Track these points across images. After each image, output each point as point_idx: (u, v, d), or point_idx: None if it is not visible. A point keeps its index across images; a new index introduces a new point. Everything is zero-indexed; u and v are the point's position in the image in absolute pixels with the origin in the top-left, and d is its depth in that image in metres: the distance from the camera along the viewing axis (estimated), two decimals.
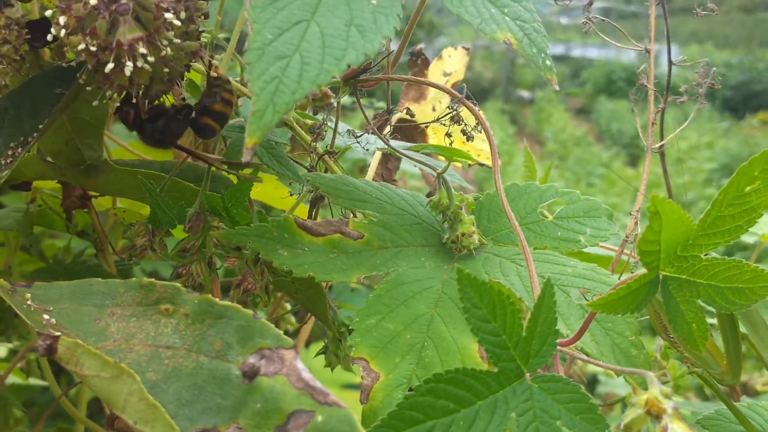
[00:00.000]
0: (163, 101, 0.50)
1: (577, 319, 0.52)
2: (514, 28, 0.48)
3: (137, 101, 0.47)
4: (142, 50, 0.42)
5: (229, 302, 0.42)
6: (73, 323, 0.42)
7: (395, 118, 0.89)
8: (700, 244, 0.42)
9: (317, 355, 0.66)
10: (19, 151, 0.48)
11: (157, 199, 0.55)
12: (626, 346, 0.52)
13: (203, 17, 0.49)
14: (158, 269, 1.13)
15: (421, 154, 0.70)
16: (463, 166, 0.79)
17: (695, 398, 1.57)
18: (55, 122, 0.51)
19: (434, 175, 0.70)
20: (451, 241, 0.57)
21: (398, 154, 0.65)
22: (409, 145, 0.74)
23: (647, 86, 0.68)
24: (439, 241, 0.59)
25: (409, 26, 0.59)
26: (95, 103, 0.47)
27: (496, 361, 0.42)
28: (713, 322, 0.54)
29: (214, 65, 0.52)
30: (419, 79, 0.64)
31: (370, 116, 0.73)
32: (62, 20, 0.41)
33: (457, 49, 0.94)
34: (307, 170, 0.67)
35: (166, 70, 0.45)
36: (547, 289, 0.42)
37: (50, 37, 0.43)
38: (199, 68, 0.59)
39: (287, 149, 0.74)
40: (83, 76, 0.47)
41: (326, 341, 0.66)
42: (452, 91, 0.59)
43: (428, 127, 0.90)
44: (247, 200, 0.55)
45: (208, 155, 0.58)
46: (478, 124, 0.61)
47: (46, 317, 0.42)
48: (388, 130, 0.87)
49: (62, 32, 0.42)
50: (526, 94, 15.07)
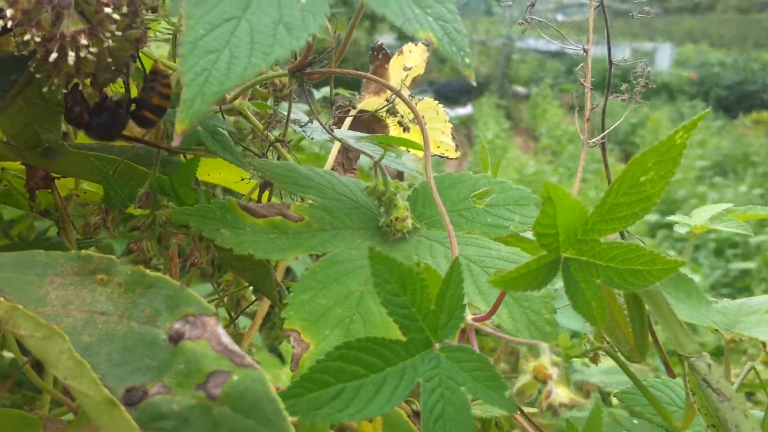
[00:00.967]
0: (108, 96, 0.54)
1: (496, 296, 0.56)
2: (435, 27, 0.51)
3: (82, 94, 0.50)
4: (84, 41, 0.46)
5: (159, 273, 0.46)
6: (16, 290, 0.46)
7: (355, 110, 0.92)
8: (598, 229, 0.46)
9: (262, 328, 0.69)
10: None
11: (109, 180, 0.59)
12: (541, 323, 0.56)
13: (150, 11, 0.53)
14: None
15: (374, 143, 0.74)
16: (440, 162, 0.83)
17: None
18: (10, 107, 0.54)
19: (391, 166, 0.74)
20: (385, 224, 0.61)
21: (342, 143, 0.69)
22: (360, 135, 0.77)
23: (585, 84, 0.71)
24: (375, 224, 0.62)
25: (351, 23, 0.63)
26: (45, 89, 0.51)
27: (405, 331, 0.46)
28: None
29: (154, 59, 0.56)
30: (360, 73, 0.67)
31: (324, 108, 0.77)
32: (9, 13, 0.45)
33: (417, 44, 0.98)
34: (258, 157, 0.71)
35: (110, 60, 0.48)
36: (455, 266, 0.45)
37: (0, 27, 0.46)
38: (150, 54, 0.62)
39: (249, 137, 0.78)
40: (33, 64, 0.50)
41: (273, 317, 0.70)
42: (389, 85, 0.63)
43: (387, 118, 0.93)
44: (192, 181, 0.59)
45: (156, 142, 0.61)
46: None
47: None
48: (348, 121, 0.91)
49: (9, 23, 0.45)
50: (521, 89, 15.10)
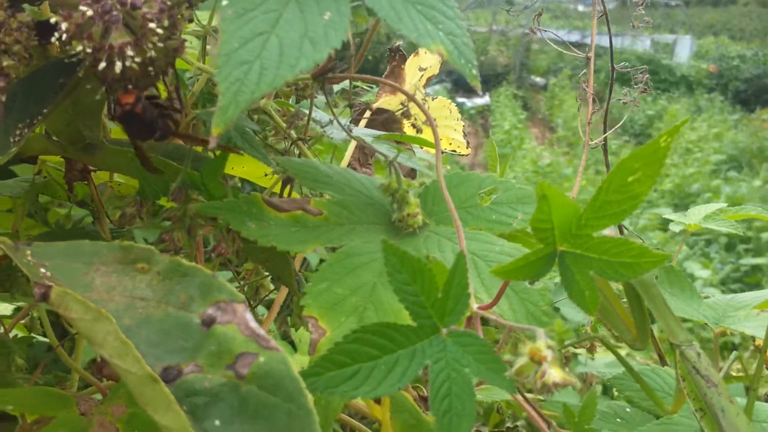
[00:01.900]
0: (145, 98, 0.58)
1: (498, 289, 0.60)
2: (446, 41, 0.56)
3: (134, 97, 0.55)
4: (129, 52, 0.51)
5: (193, 263, 0.51)
6: (65, 276, 0.51)
7: (374, 106, 0.97)
8: (591, 224, 0.50)
9: (281, 315, 0.74)
10: (26, 131, 0.56)
11: (144, 174, 0.64)
12: (539, 314, 0.60)
13: (188, 21, 0.58)
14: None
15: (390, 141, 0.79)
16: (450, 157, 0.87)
17: None
18: (57, 107, 0.59)
19: (404, 164, 0.78)
20: (398, 220, 0.66)
21: (359, 142, 0.74)
22: (377, 133, 0.82)
23: (587, 89, 0.76)
24: (388, 220, 0.67)
25: (368, 36, 0.68)
26: (98, 97, 0.56)
27: (415, 317, 0.51)
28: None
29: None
30: (377, 78, 0.72)
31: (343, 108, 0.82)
32: (64, 26, 0.50)
33: None
34: (281, 154, 0.76)
35: (150, 68, 0.53)
36: (460, 258, 0.50)
37: (54, 39, 0.51)
38: (187, 59, 0.67)
39: (271, 134, 0.83)
40: (82, 70, 0.56)
41: (292, 306, 0.75)
42: (404, 90, 0.67)
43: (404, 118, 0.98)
44: (221, 176, 0.63)
45: (196, 136, 0.65)
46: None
47: (42, 270, 0.50)
48: (364, 121, 0.96)
49: (64, 36, 0.50)
50: (539, 80, 15.07)
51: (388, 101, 0.98)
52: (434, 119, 0.66)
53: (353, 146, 0.94)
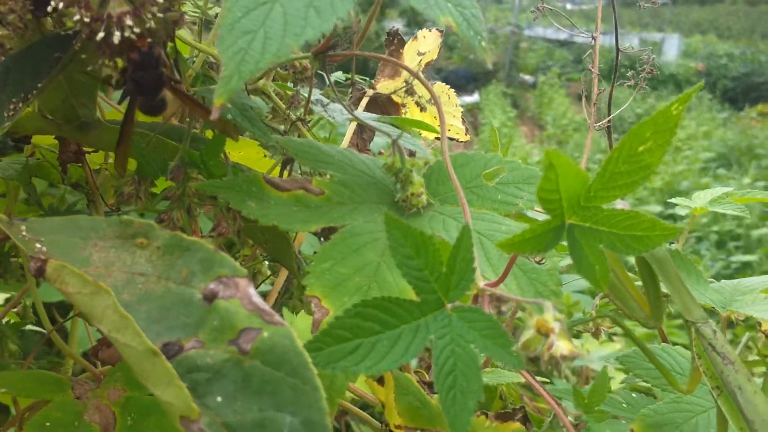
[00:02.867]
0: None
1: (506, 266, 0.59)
2: (455, 13, 0.54)
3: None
4: (128, 22, 0.49)
5: (194, 238, 0.49)
6: (61, 252, 0.49)
7: (371, 92, 0.96)
8: (600, 196, 0.49)
9: (282, 298, 0.73)
10: (20, 105, 0.55)
11: (143, 152, 0.63)
12: (547, 293, 0.59)
13: None
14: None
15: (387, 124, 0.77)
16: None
17: None
18: (52, 82, 0.58)
19: (404, 146, 0.77)
20: (402, 200, 0.65)
21: (361, 122, 0.72)
22: (377, 116, 0.81)
23: (592, 70, 0.75)
24: (392, 200, 0.66)
25: (373, 9, 0.67)
26: (90, 68, 0.54)
27: (419, 292, 0.49)
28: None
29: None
30: (380, 56, 0.70)
31: (342, 91, 0.81)
32: None
33: (431, 30, 1.01)
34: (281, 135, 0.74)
35: (149, 39, 0.52)
36: (465, 231, 0.49)
37: (50, 8, 0.50)
38: (182, 36, 0.66)
39: (269, 117, 0.82)
40: (78, 43, 0.54)
41: (292, 288, 0.73)
42: (408, 67, 0.66)
43: (402, 102, 0.97)
44: (221, 154, 0.62)
45: (199, 105, 0.63)
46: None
47: (38, 246, 0.49)
48: (363, 103, 0.95)
49: (60, 4, 0.49)
50: (528, 78, 15.09)
51: (386, 86, 0.97)
52: (439, 98, 0.65)
53: (351, 132, 0.93)
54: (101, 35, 0.49)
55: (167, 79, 0.55)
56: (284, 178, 0.64)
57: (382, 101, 0.95)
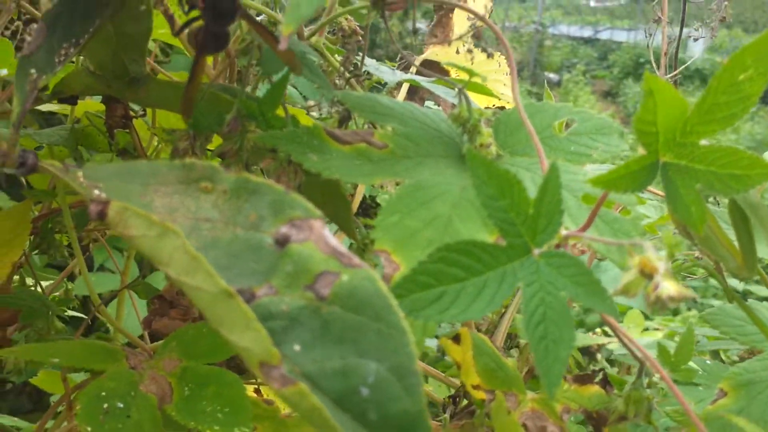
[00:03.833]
0: None
1: (585, 219, 0.55)
2: None
3: None
4: None
5: (262, 179, 0.46)
6: (120, 198, 0.46)
7: (421, 58, 0.93)
8: (698, 131, 0.45)
9: None
10: (71, 50, 0.52)
11: (197, 106, 0.60)
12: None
13: None
14: None
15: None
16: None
17: None
18: (102, 27, 0.55)
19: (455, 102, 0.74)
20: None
21: (421, 82, 0.69)
22: (431, 78, 0.78)
23: (661, 18, 0.71)
24: (458, 152, 0.62)
25: None
26: (143, 7, 0.51)
27: (505, 236, 0.46)
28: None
29: None
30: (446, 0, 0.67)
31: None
32: None
33: None
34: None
35: None
36: (552, 170, 0.45)
37: None
38: None
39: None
40: None
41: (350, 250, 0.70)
42: (473, 10, 0.63)
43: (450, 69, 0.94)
44: (280, 104, 0.59)
45: (269, 33, 0.60)
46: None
47: (96, 191, 0.46)
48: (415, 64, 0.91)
49: None
50: (553, 76, 15.04)
51: (436, 52, 0.93)
52: (508, 44, 0.62)
53: (402, 96, 0.90)
54: None
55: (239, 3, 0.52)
56: (347, 130, 0.60)
57: (430, 68, 0.92)
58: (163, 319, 0.70)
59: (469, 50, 0.74)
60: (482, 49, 0.69)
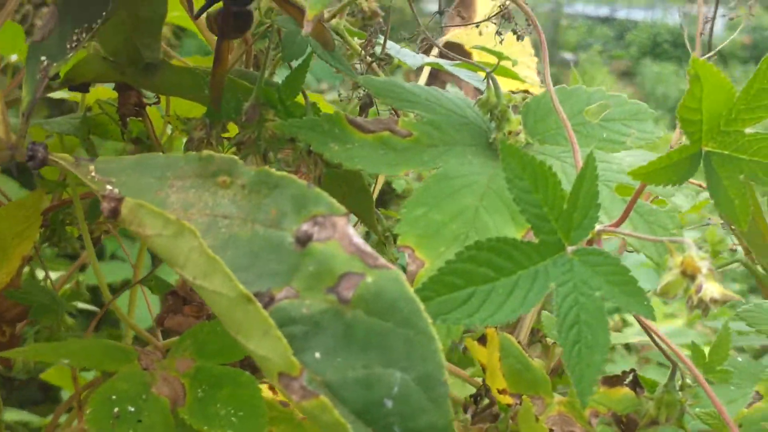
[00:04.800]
0: None
1: (619, 211, 0.53)
2: None
3: None
4: None
5: (284, 173, 0.44)
6: (134, 193, 0.44)
7: (443, 39, 0.90)
8: (743, 118, 0.43)
9: None
10: (83, 36, 0.49)
11: (214, 93, 0.57)
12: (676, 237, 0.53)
13: None
14: None
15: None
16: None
17: None
18: (116, 11, 0.53)
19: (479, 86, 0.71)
20: (497, 140, 0.59)
21: (445, 66, 0.67)
22: (454, 62, 0.75)
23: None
24: (486, 140, 0.60)
25: None
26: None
27: (537, 232, 0.44)
28: None
29: None
30: None
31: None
32: None
33: None
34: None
35: None
36: (589, 161, 0.43)
37: None
38: None
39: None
40: None
41: (371, 244, 0.68)
42: None
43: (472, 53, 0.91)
44: (300, 91, 0.57)
45: (297, 7, 0.58)
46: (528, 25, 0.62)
47: (108, 187, 0.44)
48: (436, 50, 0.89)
49: None
50: (569, 56, 14.95)
51: (458, 35, 0.91)
52: (538, 24, 0.59)
53: (423, 80, 0.88)
54: None
55: None
56: (369, 119, 0.58)
57: (452, 51, 0.89)
58: (177, 316, 0.68)
59: (498, 32, 0.71)
60: (513, 30, 0.67)
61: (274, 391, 0.66)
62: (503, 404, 0.59)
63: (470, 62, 0.66)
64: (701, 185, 0.75)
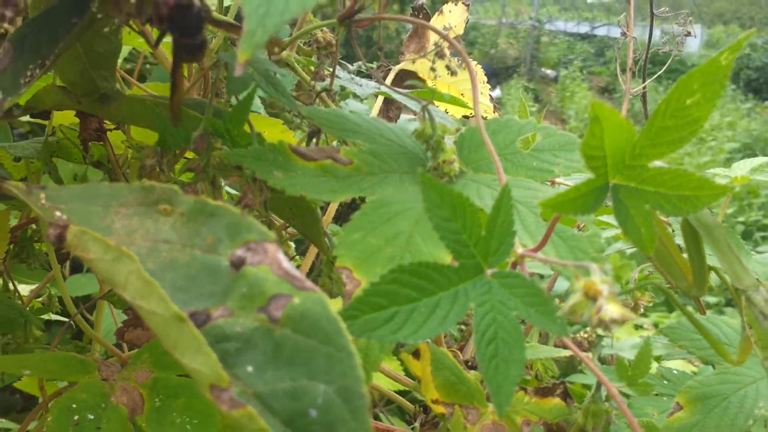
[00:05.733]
0: None
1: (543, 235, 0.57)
2: None
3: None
4: None
5: (220, 203, 0.47)
6: (81, 220, 0.47)
7: (396, 68, 0.94)
8: (646, 153, 0.46)
9: (311, 277, 0.71)
10: (36, 72, 0.53)
11: (165, 122, 0.61)
12: (587, 261, 0.57)
13: None
14: None
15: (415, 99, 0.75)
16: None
17: None
18: (69, 49, 0.56)
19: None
20: (433, 168, 0.62)
21: (392, 95, 0.70)
22: (405, 91, 0.78)
23: (628, 34, 0.72)
24: (423, 168, 0.63)
25: None
26: (106, 29, 0.52)
27: (457, 257, 0.47)
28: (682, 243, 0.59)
29: None
30: (408, 18, 0.68)
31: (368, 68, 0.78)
32: None
33: (457, 4, 0.99)
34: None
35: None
36: (504, 192, 0.46)
37: None
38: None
39: (293, 93, 0.79)
40: (95, 5, 0.52)
41: (321, 265, 0.71)
42: (437, 29, 0.64)
43: (427, 79, 0.95)
44: (245, 122, 0.60)
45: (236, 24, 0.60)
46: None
47: (57, 213, 0.47)
48: (388, 79, 0.92)
49: None
50: (550, 72, 15.04)
51: (412, 61, 0.94)
52: (471, 63, 0.62)
53: (377, 109, 0.91)
54: None
55: (206, 14, 0.53)
56: (312, 147, 0.61)
57: (407, 77, 0.93)
58: (136, 330, 0.71)
59: (432, 68, 0.75)
60: (446, 66, 0.70)
61: None
62: (439, 413, 0.63)
63: (405, 94, 0.69)
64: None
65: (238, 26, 0.56)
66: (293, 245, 0.89)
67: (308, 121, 0.72)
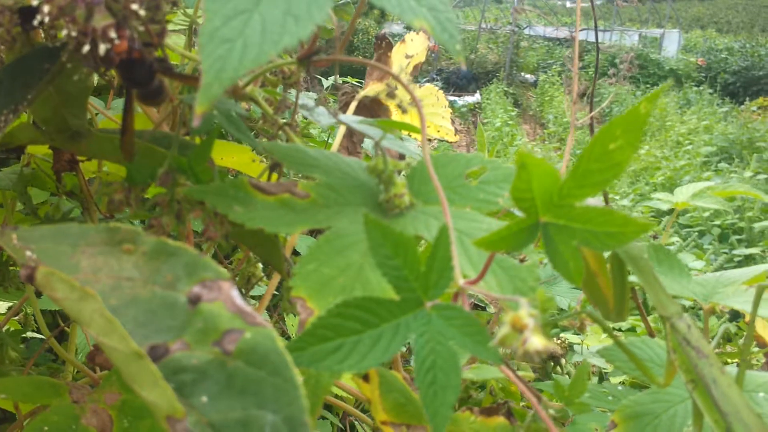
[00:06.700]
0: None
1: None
2: (429, 17, 0.56)
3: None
4: (112, 35, 0.51)
5: (179, 243, 0.51)
6: (51, 259, 0.51)
7: (360, 95, 0.97)
8: (573, 194, 0.50)
9: (274, 302, 0.75)
10: (11, 117, 0.56)
11: (132, 159, 0.64)
12: (526, 290, 0.60)
13: (171, 5, 0.58)
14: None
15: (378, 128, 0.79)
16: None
17: None
18: (42, 93, 0.59)
19: (392, 149, 0.79)
20: (385, 201, 0.66)
21: (344, 125, 0.74)
22: (363, 119, 0.82)
23: (571, 69, 0.76)
24: (376, 201, 0.67)
25: (354, 16, 0.68)
26: (75, 77, 0.56)
27: (398, 291, 0.51)
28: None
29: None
30: (363, 60, 0.72)
31: (332, 94, 0.82)
32: (46, 9, 0.50)
33: (419, 33, 1.03)
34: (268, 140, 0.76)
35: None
36: (443, 231, 0.50)
37: (36, 22, 0.51)
38: (174, 48, 0.67)
39: (259, 123, 0.83)
40: (65, 54, 0.56)
41: (282, 290, 0.75)
42: (389, 70, 0.67)
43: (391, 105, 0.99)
44: (208, 160, 0.64)
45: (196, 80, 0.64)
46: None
47: (28, 253, 0.50)
48: (352, 106, 0.96)
49: (47, 18, 0.50)
50: (529, 77, 15.10)
51: (375, 89, 0.98)
52: (420, 101, 0.66)
53: (341, 135, 0.95)
54: (87, 48, 0.50)
55: (159, 67, 0.56)
56: (272, 182, 0.65)
57: (369, 104, 0.97)
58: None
59: (389, 94, 0.78)
60: (397, 105, 0.74)
61: None
62: None
63: (366, 126, 0.73)
64: None
65: (194, 78, 0.60)
66: (261, 266, 0.93)
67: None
